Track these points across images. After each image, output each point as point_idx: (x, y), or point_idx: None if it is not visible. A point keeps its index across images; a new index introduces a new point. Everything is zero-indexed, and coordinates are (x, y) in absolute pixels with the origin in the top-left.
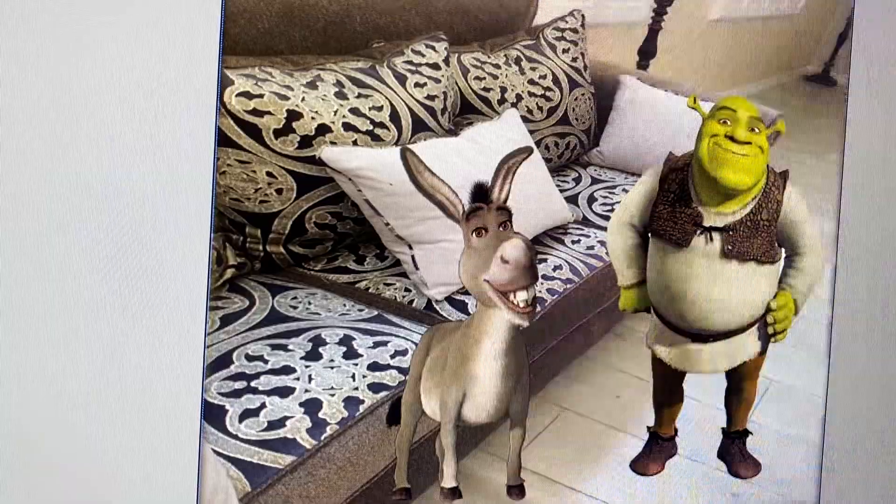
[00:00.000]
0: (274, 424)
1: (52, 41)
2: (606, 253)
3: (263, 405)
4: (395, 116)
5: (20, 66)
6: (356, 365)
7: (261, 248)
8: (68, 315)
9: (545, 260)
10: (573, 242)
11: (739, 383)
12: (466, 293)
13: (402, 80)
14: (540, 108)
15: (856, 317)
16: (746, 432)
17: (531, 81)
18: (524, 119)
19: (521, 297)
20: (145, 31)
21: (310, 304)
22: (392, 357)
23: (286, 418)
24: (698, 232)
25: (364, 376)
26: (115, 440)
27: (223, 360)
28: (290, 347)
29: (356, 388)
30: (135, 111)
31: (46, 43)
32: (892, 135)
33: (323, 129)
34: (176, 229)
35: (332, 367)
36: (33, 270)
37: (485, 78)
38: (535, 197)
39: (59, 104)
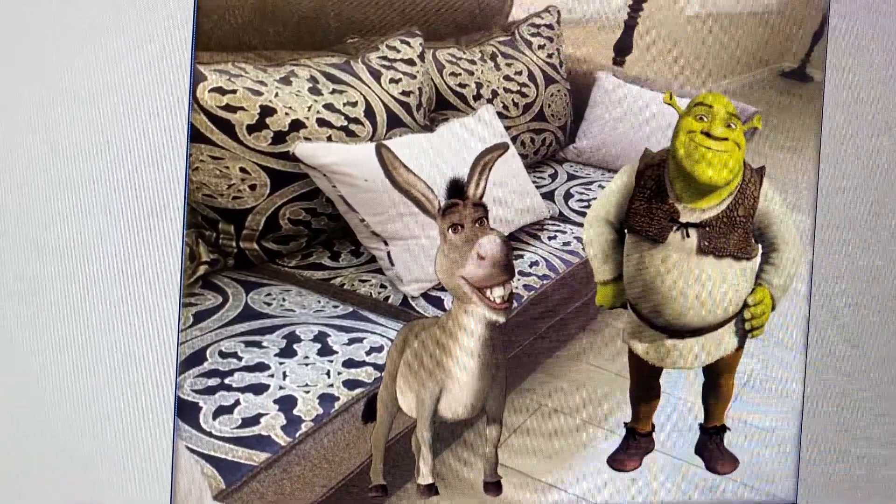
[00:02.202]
0: (248, 421)
1: (23, 34)
2: (583, 249)
3: (237, 402)
4: (369, 112)
5: None
6: (331, 362)
7: (234, 244)
8: (40, 312)
9: (521, 256)
10: (549, 238)
11: (717, 379)
12: (442, 289)
13: (376, 75)
14: (516, 105)
15: (832, 312)
16: (724, 428)
17: (507, 77)
18: (500, 115)
19: (498, 293)
20: (118, 26)
21: (284, 300)
22: (367, 354)
23: (260, 415)
24: (674, 228)
25: (339, 373)
26: (87, 437)
27: (197, 357)
28: (265, 344)
29: (331, 385)
30: (107, 107)
31: (17, 36)
32: (867, 131)
33: (297, 125)
34: (149, 225)
35: (306, 364)
36: (3, 267)
37: (460, 74)
38: (512, 193)
39: (31, 99)
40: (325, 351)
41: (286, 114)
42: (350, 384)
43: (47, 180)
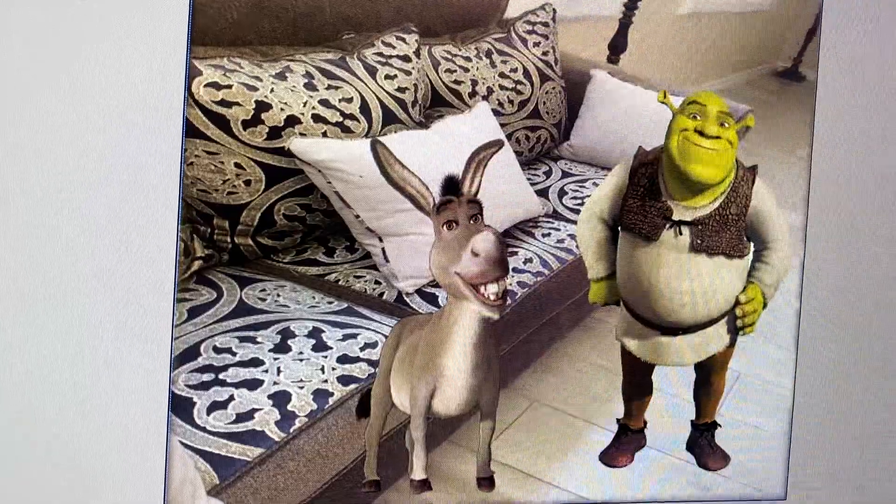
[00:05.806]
0: (242, 417)
1: (17, 28)
2: (577, 246)
3: (232, 397)
4: (365, 108)
5: None
6: (325, 357)
7: (229, 239)
8: (34, 307)
9: (516, 253)
10: (544, 236)
11: (708, 376)
12: (437, 286)
13: (372, 71)
14: (511, 102)
15: (823, 310)
16: (715, 424)
17: (502, 74)
18: (495, 112)
19: (492, 289)
20: (113, 20)
21: (278, 296)
22: (362, 349)
23: (254, 410)
24: (668, 226)
25: (333, 368)
26: (81, 432)
27: (191, 353)
28: (259, 340)
29: (325, 381)
30: (103, 101)
31: (11, 30)
32: (859, 130)
33: (292, 121)
34: (143, 220)
35: (301, 360)
36: None
37: (456, 70)
38: (506, 190)
39: (24, 93)
40: (320, 347)
41: (281, 109)
42: (344, 380)
43: (41, 175)
